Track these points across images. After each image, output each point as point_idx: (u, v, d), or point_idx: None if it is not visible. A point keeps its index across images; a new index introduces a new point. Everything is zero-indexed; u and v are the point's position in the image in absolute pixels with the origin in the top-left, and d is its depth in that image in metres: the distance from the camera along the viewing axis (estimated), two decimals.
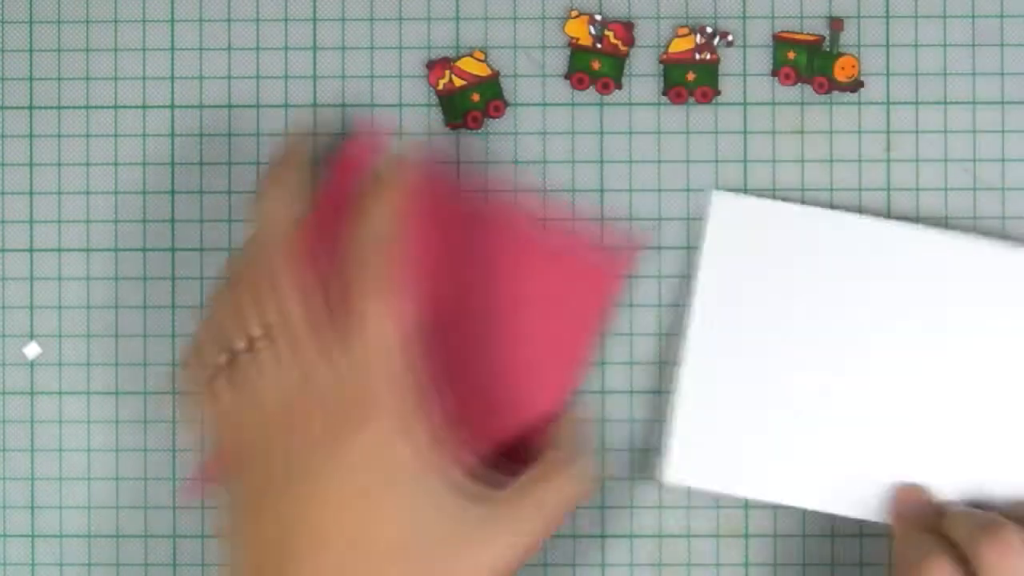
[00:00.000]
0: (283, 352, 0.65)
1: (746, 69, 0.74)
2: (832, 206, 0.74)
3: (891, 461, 0.72)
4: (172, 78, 0.75)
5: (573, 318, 0.73)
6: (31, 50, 0.75)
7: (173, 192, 0.75)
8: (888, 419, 0.72)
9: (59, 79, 0.75)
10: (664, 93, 0.74)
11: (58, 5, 0.75)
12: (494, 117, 0.75)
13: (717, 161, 0.74)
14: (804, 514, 0.74)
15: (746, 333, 0.72)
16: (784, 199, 0.74)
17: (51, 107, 0.75)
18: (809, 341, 0.72)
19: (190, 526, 0.75)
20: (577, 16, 0.74)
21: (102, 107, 0.75)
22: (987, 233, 0.73)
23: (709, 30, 0.74)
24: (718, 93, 0.74)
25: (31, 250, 0.75)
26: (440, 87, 0.75)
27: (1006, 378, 0.72)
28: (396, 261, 0.66)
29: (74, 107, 0.75)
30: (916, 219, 0.74)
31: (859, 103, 0.74)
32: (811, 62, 0.74)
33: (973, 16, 0.74)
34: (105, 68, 0.75)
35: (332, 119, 0.75)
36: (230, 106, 0.75)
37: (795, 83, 0.74)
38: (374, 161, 0.71)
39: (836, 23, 0.74)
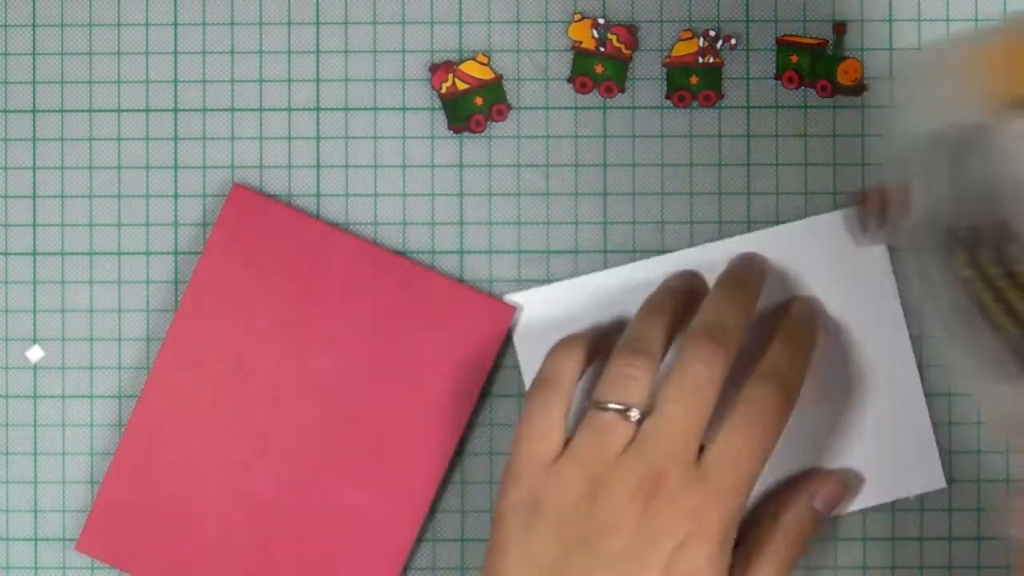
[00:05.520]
0: None
1: (749, 73, 0.74)
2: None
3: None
4: (175, 81, 0.75)
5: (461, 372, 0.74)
6: (34, 54, 0.75)
7: (176, 196, 0.75)
8: None
9: (62, 83, 0.75)
10: (667, 97, 0.74)
11: (61, 9, 0.75)
12: (497, 120, 0.75)
13: (720, 165, 0.74)
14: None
15: None
16: (787, 202, 0.74)
17: (54, 110, 0.75)
18: None
19: None
20: (580, 20, 0.74)
21: (105, 111, 0.75)
22: None
23: (712, 34, 0.74)
24: (721, 97, 0.74)
25: (34, 253, 0.75)
26: (443, 90, 0.75)
27: None
28: None
29: (77, 111, 0.75)
30: None
31: (862, 106, 0.74)
32: (814, 66, 0.74)
33: (976, 20, 0.74)
34: (108, 72, 0.75)
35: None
36: (232, 110, 0.75)
37: (798, 87, 0.74)
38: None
39: (839, 27, 0.74)
